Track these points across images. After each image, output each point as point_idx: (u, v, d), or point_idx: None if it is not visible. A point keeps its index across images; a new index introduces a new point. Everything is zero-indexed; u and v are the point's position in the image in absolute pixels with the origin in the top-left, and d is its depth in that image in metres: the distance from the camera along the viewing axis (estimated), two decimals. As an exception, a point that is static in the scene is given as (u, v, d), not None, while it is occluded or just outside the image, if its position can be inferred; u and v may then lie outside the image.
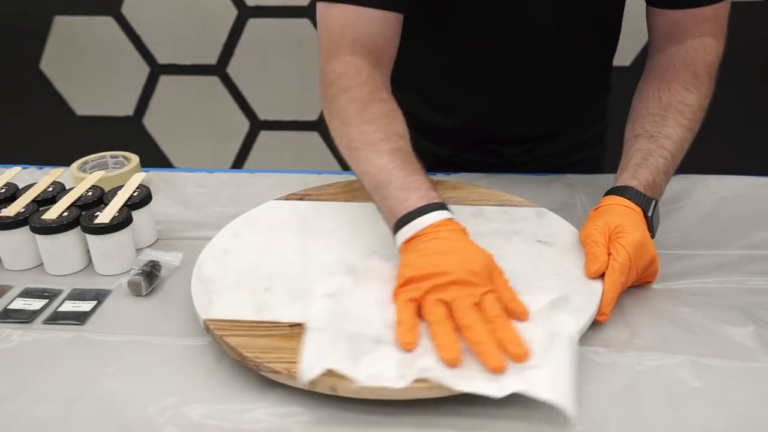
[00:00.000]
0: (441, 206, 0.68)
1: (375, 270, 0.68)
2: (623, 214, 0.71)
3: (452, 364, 0.56)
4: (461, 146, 1.04)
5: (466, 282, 0.61)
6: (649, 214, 0.72)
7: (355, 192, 0.89)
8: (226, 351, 0.62)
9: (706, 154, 0.81)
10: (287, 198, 0.88)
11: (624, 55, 1.68)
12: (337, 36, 0.79)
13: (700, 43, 0.81)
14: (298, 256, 0.75)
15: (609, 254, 0.68)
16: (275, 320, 0.64)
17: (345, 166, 0.92)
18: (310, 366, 0.55)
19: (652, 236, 0.72)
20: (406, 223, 0.67)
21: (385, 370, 0.56)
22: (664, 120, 0.78)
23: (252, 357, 0.59)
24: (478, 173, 0.98)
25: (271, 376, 0.59)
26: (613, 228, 0.69)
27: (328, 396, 0.57)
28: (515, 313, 0.61)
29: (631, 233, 0.68)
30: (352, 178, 0.94)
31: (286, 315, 0.65)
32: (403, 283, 0.63)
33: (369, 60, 0.79)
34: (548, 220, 0.81)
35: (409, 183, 0.69)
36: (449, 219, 0.67)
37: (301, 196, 0.88)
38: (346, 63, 0.78)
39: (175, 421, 0.57)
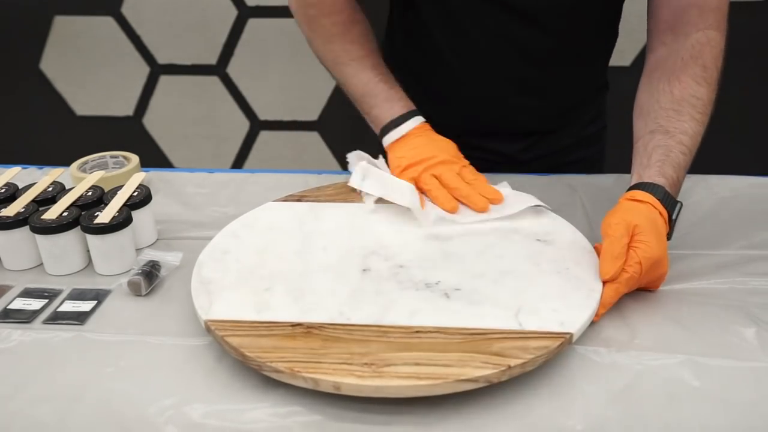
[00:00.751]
0: (417, 113, 0.90)
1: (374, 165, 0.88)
2: (651, 219, 0.69)
3: (453, 211, 0.81)
4: (463, 144, 1.04)
5: (448, 161, 0.85)
6: (674, 217, 0.72)
7: (353, 192, 0.89)
8: (227, 351, 0.62)
9: (706, 154, 0.81)
10: (285, 199, 0.88)
11: (624, 55, 1.68)
12: None
13: (706, 37, 0.80)
14: (298, 257, 0.75)
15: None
16: (276, 320, 0.64)
17: (345, 167, 0.92)
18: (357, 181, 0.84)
19: (669, 238, 0.72)
20: (394, 128, 0.88)
21: (405, 196, 0.81)
22: (678, 115, 0.77)
23: (254, 357, 0.59)
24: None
25: (274, 375, 0.59)
26: (636, 231, 0.68)
27: (328, 396, 0.57)
28: (481, 179, 0.84)
29: (651, 248, 0.67)
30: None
31: (287, 315, 0.65)
32: (404, 168, 0.85)
33: None
34: (547, 219, 0.81)
35: (392, 95, 0.90)
36: (424, 122, 0.90)
37: (299, 197, 0.88)
38: None
39: (175, 421, 0.57)
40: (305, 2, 0.92)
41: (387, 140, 0.89)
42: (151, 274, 0.74)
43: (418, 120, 0.89)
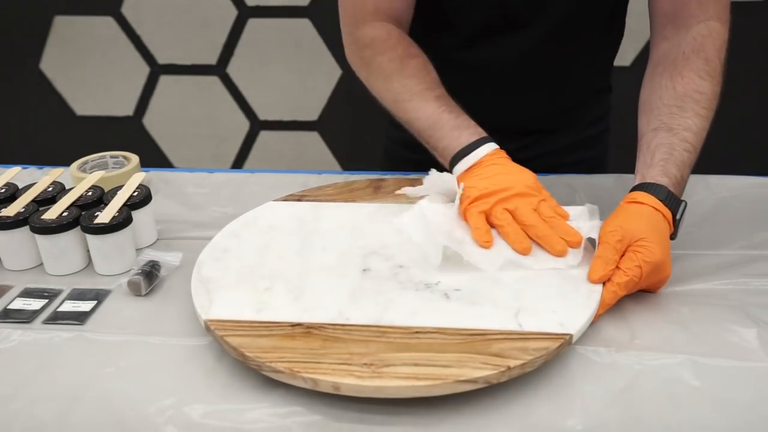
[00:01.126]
0: (489, 139, 0.82)
1: (436, 208, 0.80)
2: (652, 221, 0.69)
3: (525, 252, 0.72)
4: None
5: (525, 194, 0.75)
6: (678, 217, 0.71)
7: (354, 192, 0.89)
8: (227, 351, 0.62)
9: (706, 154, 0.81)
10: (286, 199, 0.88)
11: (624, 55, 1.68)
12: (360, 5, 0.90)
13: (707, 29, 0.80)
14: (298, 257, 0.75)
15: (619, 263, 0.67)
16: (276, 320, 0.64)
17: (345, 166, 0.92)
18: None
19: (675, 237, 0.72)
20: (464, 156, 0.80)
21: (477, 257, 0.71)
22: (681, 111, 0.76)
23: (254, 357, 0.59)
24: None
25: (273, 375, 0.59)
26: (636, 238, 0.68)
27: (328, 396, 0.57)
28: (562, 216, 0.75)
29: (653, 252, 0.66)
30: (352, 178, 0.94)
31: (287, 315, 0.65)
32: (473, 201, 0.76)
33: (393, 23, 0.90)
34: (548, 220, 0.81)
35: (459, 123, 0.83)
36: (498, 149, 0.81)
37: (299, 197, 0.88)
38: (376, 27, 0.89)
39: (175, 421, 0.57)
40: (360, 45, 0.90)
41: (457, 171, 0.81)
42: (151, 274, 0.74)
43: (490, 147, 0.80)
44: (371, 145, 0.97)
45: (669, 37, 0.83)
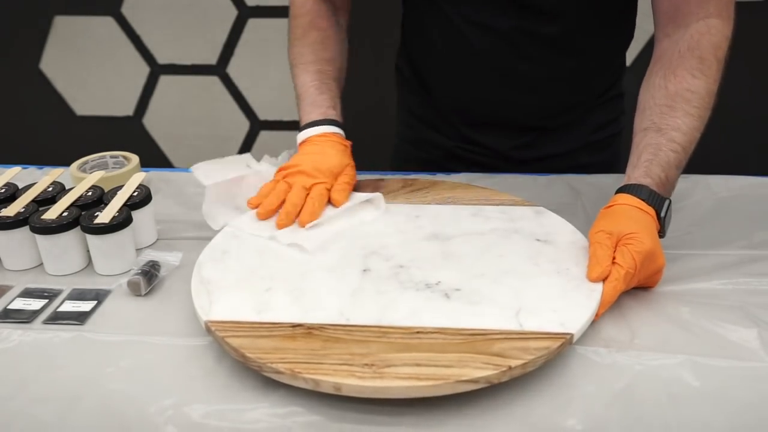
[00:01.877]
0: (332, 122, 0.89)
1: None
2: (635, 217, 0.70)
3: (261, 217, 0.81)
4: (460, 139, 1.04)
5: (308, 173, 0.84)
6: (662, 214, 0.72)
7: (353, 192, 0.89)
8: (227, 352, 0.62)
9: (706, 154, 0.81)
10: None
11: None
12: None
13: (705, 26, 0.79)
14: (298, 257, 0.75)
15: (614, 259, 0.68)
16: (276, 321, 0.64)
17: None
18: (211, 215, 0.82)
19: (663, 235, 0.72)
20: (302, 131, 0.90)
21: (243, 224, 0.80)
22: (671, 111, 0.76)
23: (255, 358, 0.59)
24: (479, 173, 0.98)
25: (274, 376, 0.59)
26: (624, 233, 0.68)
27: (328, 396, 0.57)
28: (333, 201, 0.83)
29: (642, 242, 0.67)
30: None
31: (287, 315, 0.65)
32: (278, 171, 0.86)
33: None
34: (547, 219, 0.81)
35: (317, 100, 0.91)
36: (332, 132, 0.88)
37: (301, 196, 0.88)
38: None
39: (175, 421, 0.57)
40: (290, 2, 0.97)
41: (297, 142, 0.91)
42: (150, 274, 0.74)
43: (325, 129, 0.88)
44: (371, 145, 0.97)
45: (669, 34, 0.82)
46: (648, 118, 0.78)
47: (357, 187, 0.89)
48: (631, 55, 1.67)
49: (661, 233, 0.72)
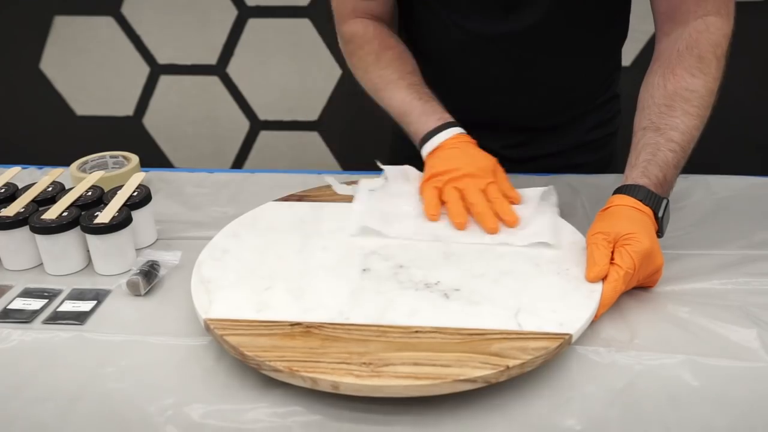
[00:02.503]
0: (454, 124, 0.87)
1: (401, 173, 0.89)
2: (633, 217, 0.70)
3: (459, 227, 0.78)
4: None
5: (475, 175, 0.81)
6: (660, 214, 0.72)
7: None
8: (226, 350, 0.62)
9: (706, 154, 0.80)
10: (286, 199, 0.88)
11: (624, 55, 1.67)
12: (341, 5, 0.97)
13: (704, 24, 0.79)
14: (298, 256, 0.75)
15: (612, 259, 0.68)
16: (275, 319, 0.64)
17: (345, 166, 0.92)
18: (353, 229, 0.78)
19: (661, 235, 0.72)
20: (428, 140, 0.86)
21: (407, 230, 0.78)
22: (670, 110, 0.76)
23: (253, 356, 0.59)
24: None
25: (273, 374, 0.59)
26: (622, 234, 0.68)
27: (328, 395, 0.57)
28: (511, 198, 0.81)
29: (640, 241, 0.67)
30: (352, 178, 0.94)
31: (286, 314, 0.65)
32: (428, 178, 0.83)
33: (372, 19, 0.96)
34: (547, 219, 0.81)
35: (427, 109, 0.88)
36: (461, 133, 0.86)
37: (300, 197, 0.88)
38: (355, 24, 0.95)
39: (175, 421, 0.57)
40: (344, 40, 0.97)
41: (424, 153, 0.87)
42: (149, 273, 0.74)
43: (454, 131, 0.86)
44: (371, 145, 0.97)
45: (668, 33, 0.82)
46: (647, 117, 0.78)
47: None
48: (630, 55, 1.68)
49: (660, 233, 0.72)
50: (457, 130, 0.86)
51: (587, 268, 0.69)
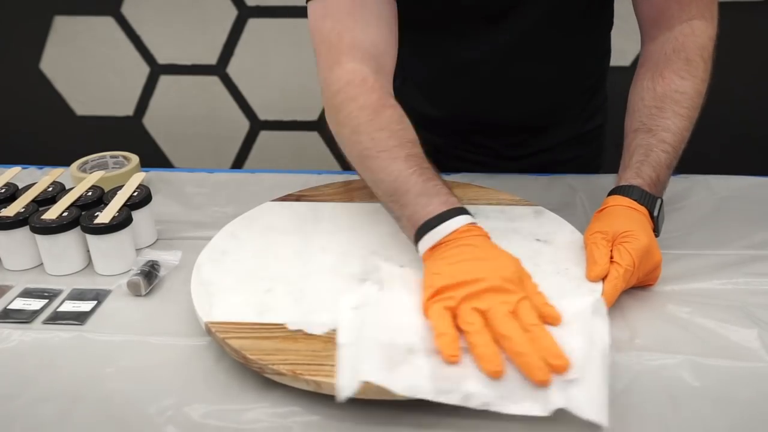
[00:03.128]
0: (463, 211, 0.67)
1: (399, 277, 0.66)
2: (629, 216, 0.71)
3: (496, 376, 0.54)
4: (453, 138, 1.04)
5: (501, 289, 0.59)
6: (655, 213, 0.72)
7: (353, 192, 0.89)
8: (228, 353, 0.62)
9: (706, 154, 0.81)
10: (284, 199, 0.88)
11: (624, 55, 1.68)
12: (335, 43, 0.77)
13: (689, 28, 0.80)
14: (298, 258, 0.75)
15: (612, 258, 0.68)
16: (277, 322, 0.64)
17: (345, 166, 0.91)
18: (346, 383, 0.54)
19: (657, 234, 0.72)
20: (429, 230, 0.65)
21: (421, 381, 0.54)
22: (661, 112, 0.77)
23: (256, 359, 0.59)
24: (478, 173, 0.98)
25: (276, 378, 0.59)
26: (619, 232, 0.69)
27: (328, 396, 0.57)
28: (548, 317, 0.59)
29: (638, 238, 0.68)
30: (351, 178, 0.94)
31: (288, 317, 0.65)
32: (436, 293, 0.60)
33: (372, 66, 0.77)
34: (546, 219, 0.81)
35: (428, 188, 0.68)
36: (473, 224, 0.66)
37: (298, 197, 0.88)
38: (350, 71, 0.76)
39: (175, 421, 0.57)
40: (333, 90, 0.76)
41: (422, 248, 0.66)
42: (150, 274, 0.74)
43: (464, 220, 0.65)
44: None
45: (654, 37, 0.83)
46: (638, 119, 0.78)
47: (354, 188, 0.90)
48: (631, 55, 1.67)
49: (656, 232, 0.72)
50: (468, 219, 0.66)
51: (587, 267, 0.69)
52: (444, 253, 0.64)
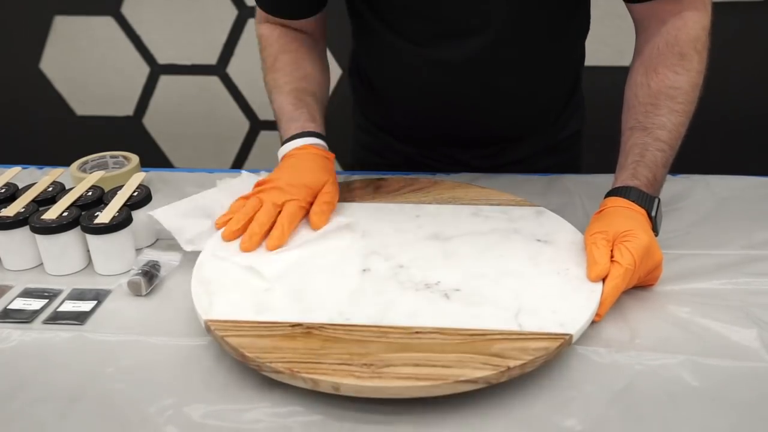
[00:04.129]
0: (313, 134, 0.85)
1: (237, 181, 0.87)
2: (628, 216, 0.71)
3: (227, 238, 0.76)
4: (423, 149, 1.03)
5: (281, 189, 0.78)
6: (653, 213, 0.72)
7: (354, 192, 0.89)
8: (227, 351, 0.62)
9: (706, 154, 0.81)
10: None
11: (624, 55, 1.68)
12: (258, 11, 0.96)
13: (681, 20, 0.79)
14: (298, 257, 0.75)
15: (612, 258, 0.68)
16: (276, 320, 0.64)
17: (345, 166, 0.91)
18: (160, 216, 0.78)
19: (656, 234, 0.72)
20: (282, 145, 0.85)
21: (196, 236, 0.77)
22: (656, 109, 0.77)
23: (254, 357, 0.59)
24: (477, 173, 0.98)
25: (273, 376, 0.59)
26: (620, 232, 0.69)
27: (328, 395, 0.57)
28: (312, 224, 0.78)
29: (639, 237, 0.68)
30: (351, 178, 0.94)
31: (287, 315, 0.65)
32: (255, 185, 0.81)
33: (282, 25, 0.94)
34: (547, 219, 0.81)
35: (296, 115, 0.87)
36: (311, 144, 0.84)
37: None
38: (266, 27, 0.95)
39: (175, 421, 0.57)
40: (257, 41, 0.96)
41: (279, 156, 0.86)
42: (151, 274, 0.74)
43: (305, 141, 0.84)
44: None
45: (646, 29, 0.82)
46: (633, 117, 0.78)
47: (354, 188, 0.90)
48: (630, 55, 1.67)
49: (655, 232, 0.72)
50: (308, 140, 0.84)
51: (588, 267, 0.69)
52: (284, 161, 0.84)
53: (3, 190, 0.85)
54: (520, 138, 1.01)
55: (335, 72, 1.80)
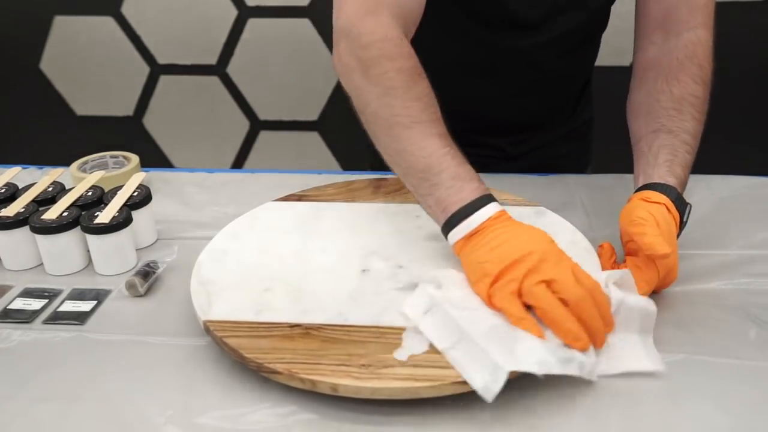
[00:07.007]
0: (493, 198, 0.67)
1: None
2: (667, 222, 0.68)
3: (584, 348, 0.57)
4: (459, 138, 1.04)
5: (554, 254, 0.61)
6: (685, 219, 0.72)
7: (353, 192, 0.89)
8: (226, 352, 0.62)
9: (706, 154, 0.80)
10: (285, 199, 0.88)
11: (624, 55, 1.68)
12: (365, 7, 0.72)
13: (696, 37, 0.81)
14: (298, 257, 0.75)
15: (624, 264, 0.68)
16: (275, 321, 0.64)
17: (345, 166, 0.91)
18: (486, 383, 0.55)
19: (677, 237, 0.72)
20: (464, 218, 0.65)
21: (543, 356, 0.56)
22: (680, 114, 0.77)
23: (252, 358, 0.59)
24: (479, 173, 0.98)
25: (272, 376, 0.59)
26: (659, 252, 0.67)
27: (328, 396, 0.57)
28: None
29: (672, 260, 0.67)
30: (351, 178, 0.94)
31: (286, 316, 0.65)
32: (495, 279, 0.61)
33: (402, 29, 0.73)
34: (548, 219, 0.81)
35: (461, 172, 0.67)
36: (503, 210, 0.66)
37: (299, 197, 0.88)
38: (386, 26, 0.71)
39: (175, 421, 0.57)
40: (363, 42, 0.71)
41: (454, 234, 0.66)
42: (148, 273, 0.74)
43: (495, 207, 0.65)
44: (372, 145, 0.97)
45: (658, 42, 0.84)
46: (656, 120, 0.78)
47: (354, 188, 0.90)
48: (630, 55, 1.67)
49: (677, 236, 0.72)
50: (498, 207, 0.66)
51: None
52: (481, 240, 0.64)
53: (3, 190, 0.85)
54: (544, 123, 1.04)
55: (336, 72, 1.80)
